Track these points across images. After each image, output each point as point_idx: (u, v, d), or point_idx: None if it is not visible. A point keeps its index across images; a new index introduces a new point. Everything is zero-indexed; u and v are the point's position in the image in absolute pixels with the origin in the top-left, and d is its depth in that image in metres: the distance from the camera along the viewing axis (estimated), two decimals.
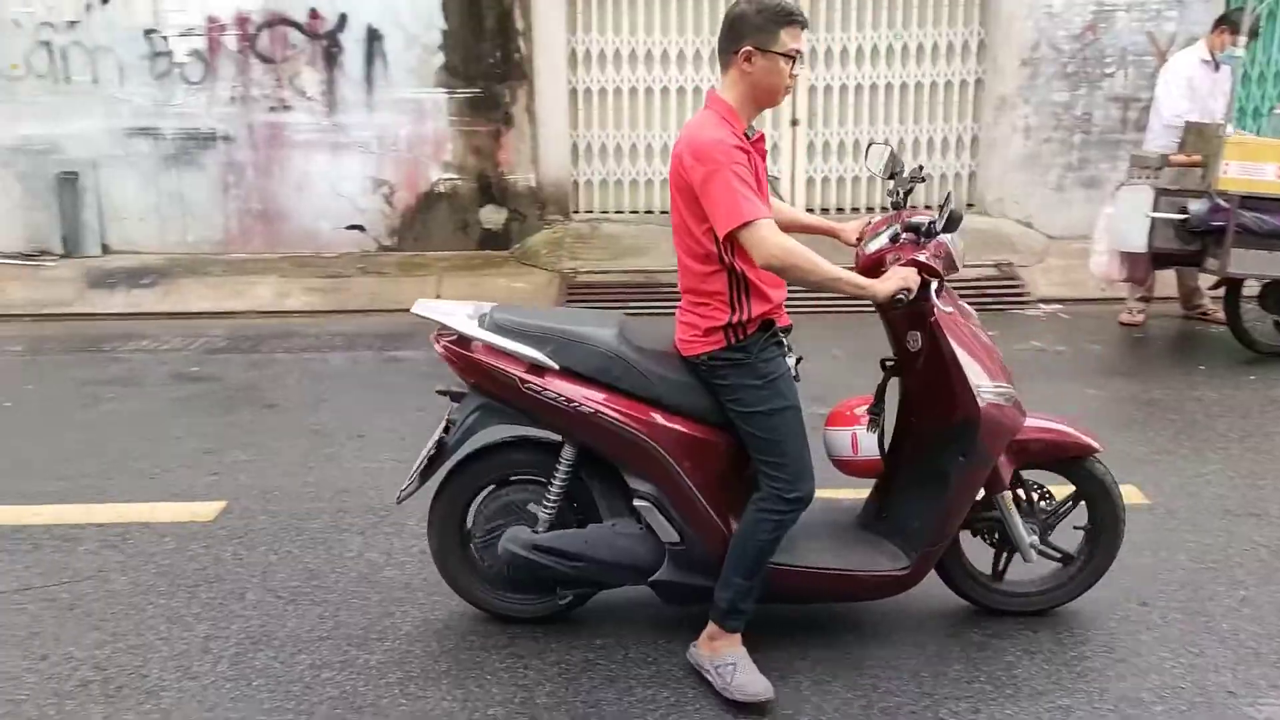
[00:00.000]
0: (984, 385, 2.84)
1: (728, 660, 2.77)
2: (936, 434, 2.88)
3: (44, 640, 3.08)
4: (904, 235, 2.84)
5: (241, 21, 7.34)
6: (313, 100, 7.53)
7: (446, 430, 2.99)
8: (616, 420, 2.81)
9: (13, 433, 4.78)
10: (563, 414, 2.83)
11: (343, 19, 7.37)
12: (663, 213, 8.06)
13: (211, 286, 7.11)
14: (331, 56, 7.45)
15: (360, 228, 7.76)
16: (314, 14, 7.35)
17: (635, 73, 7.82)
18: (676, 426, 2.83)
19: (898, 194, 3.02)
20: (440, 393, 3.07)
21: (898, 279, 2.65)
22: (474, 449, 3.02)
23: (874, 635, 3.07)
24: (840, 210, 8.07)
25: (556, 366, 2.82)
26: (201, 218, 7.70)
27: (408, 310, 3.09)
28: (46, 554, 3.61)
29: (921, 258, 2.77)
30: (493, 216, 7.75)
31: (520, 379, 2.82)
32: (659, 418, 2.83)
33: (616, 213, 8.05)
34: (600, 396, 2.83)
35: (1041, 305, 6.94)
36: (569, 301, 6.86)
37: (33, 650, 3.02)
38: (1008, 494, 3.00)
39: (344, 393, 5.34)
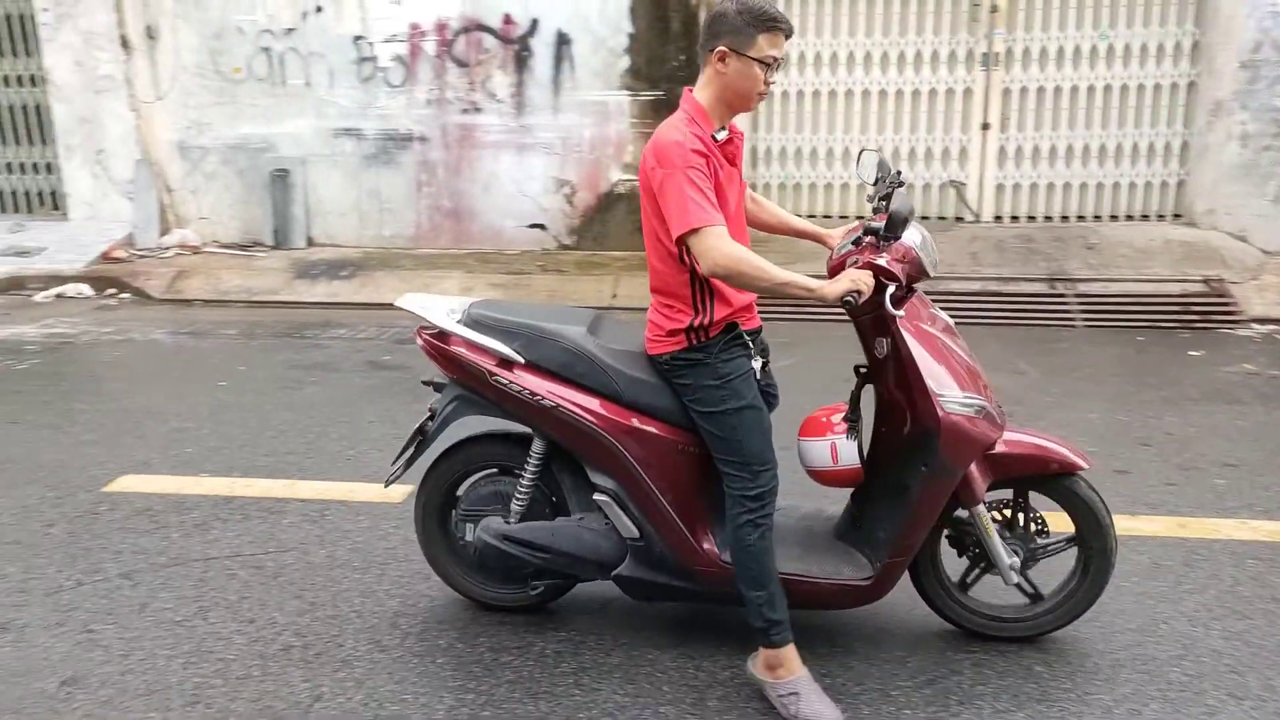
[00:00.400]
0: (948, 395, 2.74)
1: (790, 689, 2.70)
2: (902, 442, 2.81)
3: (251, 605, 3.31)
4: (865, 239, 2.74)
5: (441, 28, 7.68)
6: (502, 102, 7.79)
7: (430, 419, 3.15)
8: (577, 415, 2.86)
9: (227, 410, 5.16)
10: (527, 407, 2.91)
11: (534, 24, 7.60)
12: (842, 217, 7.95)
13: (403, 279, 7.46)
14: (522, 60, 7.69)
15: (542, 226, 7.99)
16: (508, 19, 7.61)
17: (819, 76, 7.73)
18: (637, 424, 2.85)
19: (878, 199, 2.91)
20: (425, 383, 3.24)
21: (847, 281, 2.56)
22: (460, 439, 3.15)
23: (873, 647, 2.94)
24: (1032, 219, 7.74)
25: (523, 360, 2.90)
26: (396, 214, 8.11)
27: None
28: (255, 524, 3.89)
29: (880, 261, 2.68)
30: None
31: (489, 371, 2.91)
32: (619, 415, 2.86)
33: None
34: (563, 391, 2.88)
35: (1255, 325, 6.45)
36: None
37: (241, 613, 3.26)
38: (982, 509, 2.88)
39: None
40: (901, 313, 2.69)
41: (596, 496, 2.95)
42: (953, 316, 3.09)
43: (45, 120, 8.44)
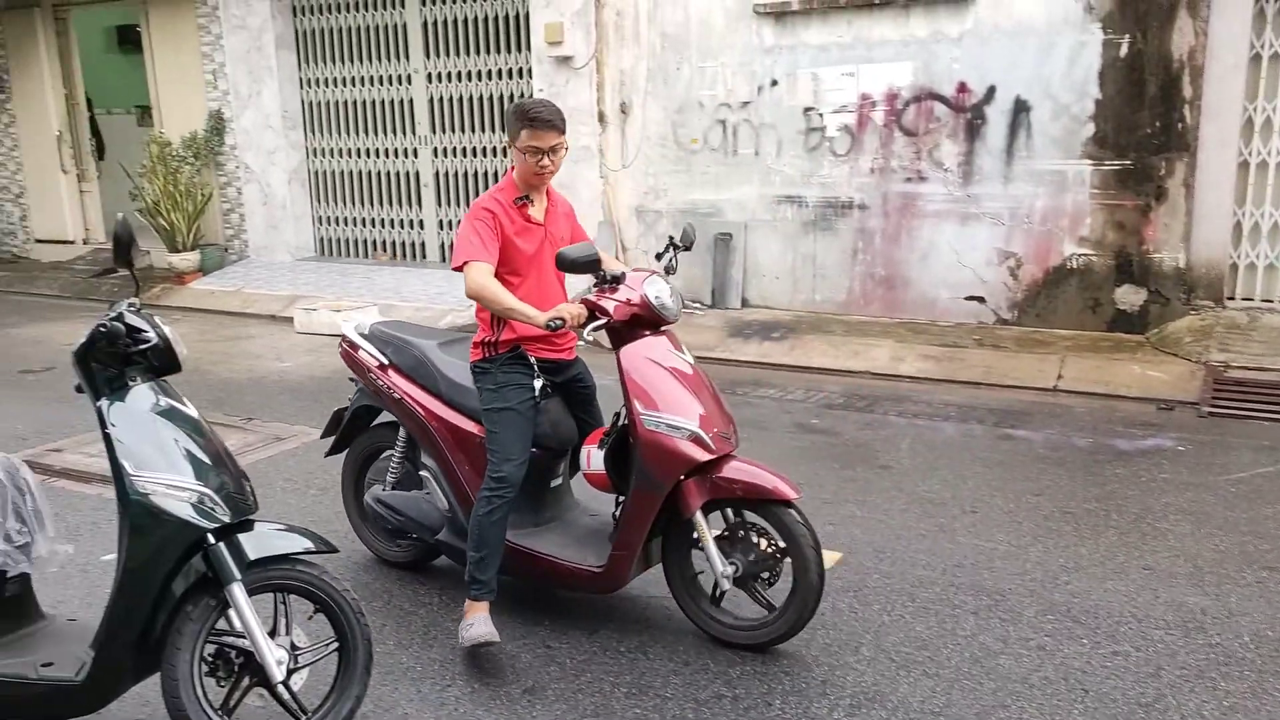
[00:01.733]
0: (650, 414, 3.26)
1: (469, 623, 3.35)
2: (631, 453, 3.33)
3: (686, 648, 3.43)
4: (605, 284, 3.39)
5: (891, 98, 7.72)
6: (948, 171, 7.64)
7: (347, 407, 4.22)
8: (413, 407, 3.79)
9: None
10: (389, 399, 3.89)
11: (990, 91, 7.38)
12: None
13: (832, 344, 7.51)
14: (973, 128, 7.49)
15: (980, 299, 7.67)
16: (962, 87, 7.46)
17: None
18: (448, 417, 3.70)
19: (669, 259, 3.77)
20: (351, 379, 4.15)
21: (555, 311, 3.21)
22: (377, 423, 4.17)
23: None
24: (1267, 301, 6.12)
25: (389, 363, 3.90)
26: (830, 279, 8.21)
27: (1024, 387, 3.18)
28: None
29: (600, 300, 3.32)
30: (1129, 297, 7.17)
31: (368, 370, 3.97)
32: (439, 409, 3.72)
33: None
34: (409, 388, 3.81)
35: None
36: (1216, 398, 6.06)
37: (679, 654, 3.39)
38: (699, 519, 3.31)
39: (956, 464, 5.27)
40: (589, 337, 3.21)
41: (423, 473, 3.86)
42: None
43: None
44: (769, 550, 3.34)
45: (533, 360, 3.49)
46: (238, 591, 2.72)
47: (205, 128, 10.93)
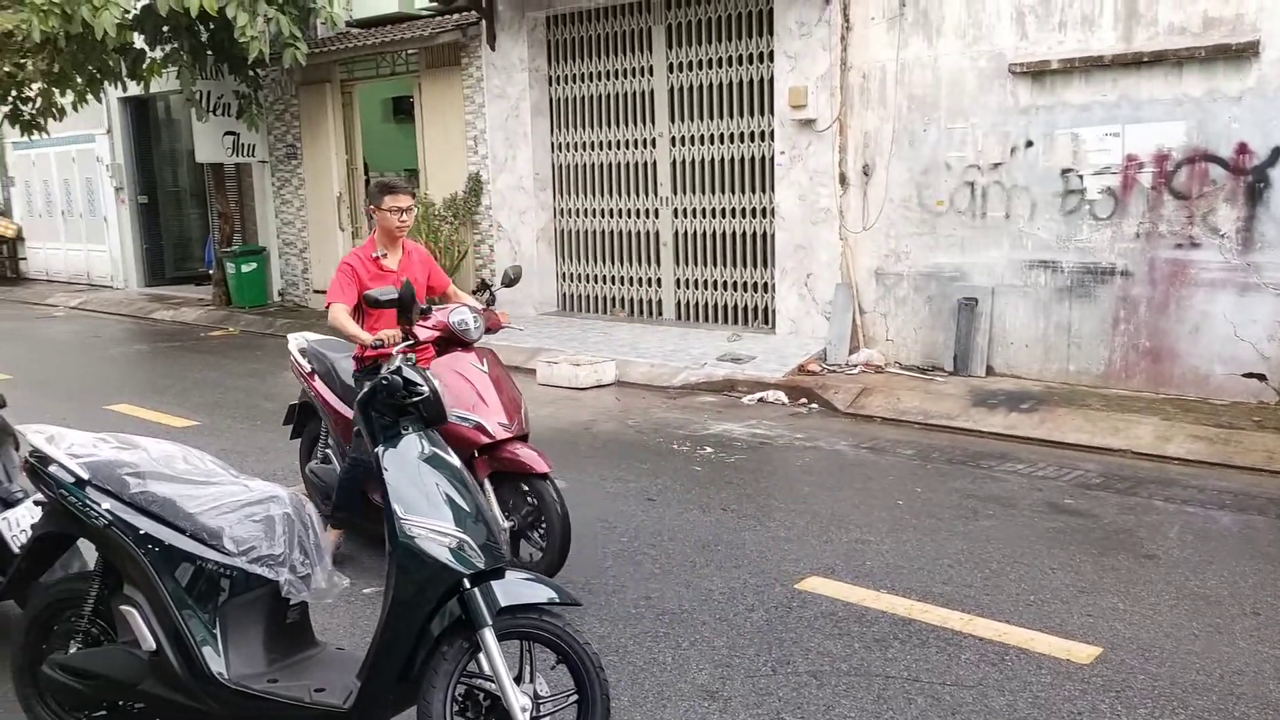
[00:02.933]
0: (450, 409, 3.62)
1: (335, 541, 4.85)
2: None
3: None
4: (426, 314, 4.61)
5: (1160, 159, 7.23)
6: (1225, 237, 7.05)
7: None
8: (322, 403, 5.17)
9: (904, 529, 5.27)
10: (314, 399, 5.26)
11: (1275, 153, 6.79)
12: None
13: (1088, 419, 7.03)
14: (1255, 192, 6.89)
15: (1261, 376, 6.99)
16: (1242, 148, 6.90)
17: None
18: (343, 411, 4.95)
19: (486, 297, 5.12)
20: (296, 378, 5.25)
21: (378, 334, 4.30)
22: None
23: None
24: None
25: (309, 370, 5.25)
26: (1086, 350, 7.73)
27: None
28: (932, 652, 3.86)
29: (413, 327, 3.70)
30: None
31: (301, 374, 5.33)
32: (338, 404, 5.03)
33: None
34: (322, 389, 5.15)
35: None
36: None
37: None
38: (486, 486, 4.47)
39: (1234, 559, 4.77)
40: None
41: (327, 450, 5.30)
42: None
43: (768, 247, 9.67)
44: (532, 511, 4.47)
45: (383, 367, 4.54)
46: (489, 636, 2.82)
47: (465, 189, 11.72)
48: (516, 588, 2.95)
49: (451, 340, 4.64)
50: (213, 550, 3.04)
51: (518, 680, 2.90)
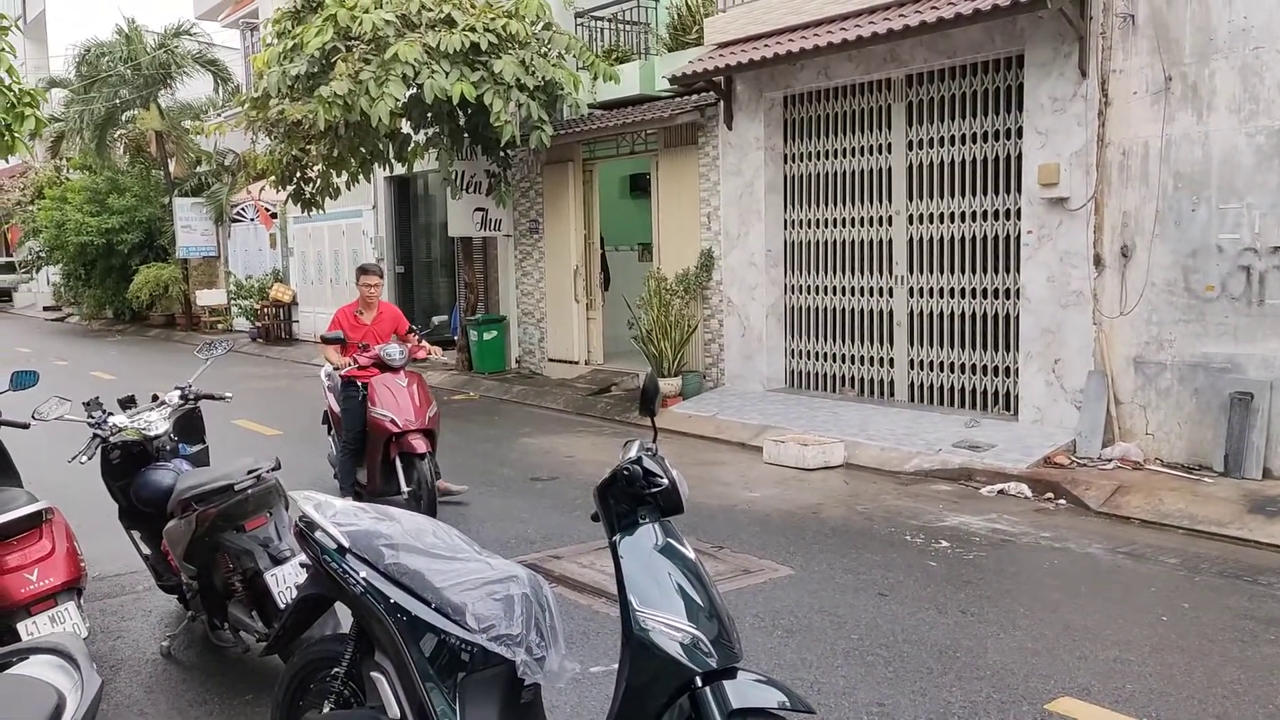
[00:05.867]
0: (375, 409, 7.01)
1: None
2: None
3: None
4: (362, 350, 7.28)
5: None
6: None
7: None
8: (328, 405, 8.03)
9: (1168, 649, 4.76)
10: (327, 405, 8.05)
11: None
12: None
13: None
14: None
15: None
16: None
17: None
18: (334, 408, 7.79)
19: (418, 338, 7.88)
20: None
21: (334, 363, 7.39)
22: None
23: None
24: None
25: (327, 385, 8.03)
26: None
27: None
28: None
29: (355, 356, 7.24)
30: None
31: (325, 390, 8.11)
32: (333, 404, 7.86)
33: None
34: (329, 396, 8.01)
35: None
36: None
37: None
38: (397, 462, 7.03)
39: None
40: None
41: None
42: None
43: (1011, 329, 9.20)
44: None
45: (358, 384, 7.29)
46: None
47: (696, 265, 11.90)
48: (748, 690, 2.86)
49: (382, 365, 7.17)
50: (456, 625, 3.13)
51: None
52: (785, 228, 11.37)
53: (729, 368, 11.75)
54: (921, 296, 10.09)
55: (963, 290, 9.69)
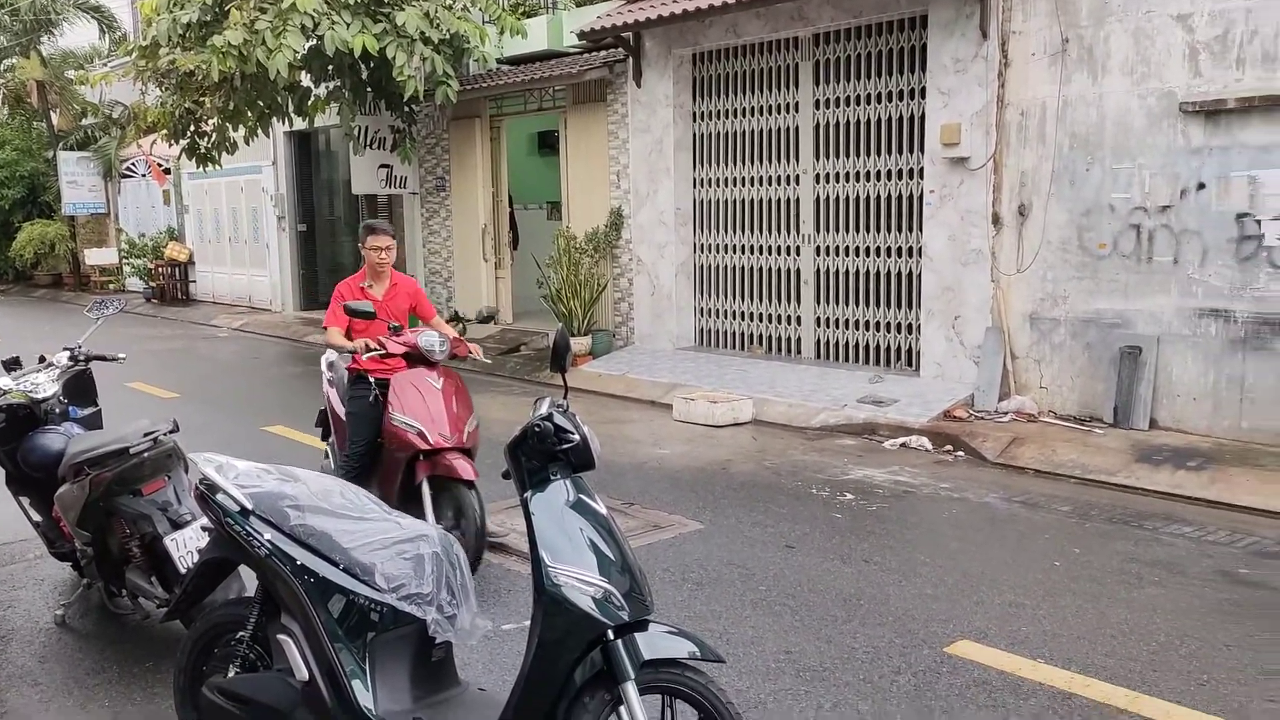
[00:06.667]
0: (396, 414, 5.15)
1: None
2: None
3: None
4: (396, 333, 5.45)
5: None
6: None
7: None
8: (328, 404, 5.99)
9: (1061, 593, 4.97)
10: (326, 403, 6.07)
11: None
12: None
13: (1264, 481, 6.54)
14: None
15: None
16: None
17: None
18: (337, 409, 5.84)
19: (460, 326, 8.63)
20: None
21: (359, 343, 5.29)
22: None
23: None
24: None
25: (328, 379, 6.05)
26: (1263, 406, 7.21)
27: None
28: None
29: (386, 342, 5.28)
30: None
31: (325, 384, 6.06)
32: (335, 404, 5.86)
33: None
34: (330, 393, 5.95)
35: None
36: None
37: None
38: (424, 487, 5.08)
39: None
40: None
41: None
42: None
43: (914, 286, 9.41)
44: (458, 516, 5.05)
45: (371, 379, 5.41)
46: (631, 690, 2.77)
47: (606, 223, 11.84)
48: (660, 641, 2.89)
49: (415, 357, 5.31)
50: (365, 585, 3.09)
51: None
52: (694, 186, 11.39)
53: (639, 326, 11.77)
54: (828, 255, 10.23)
55: (868, 249, 9.86)
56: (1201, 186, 7.39)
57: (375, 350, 5.23)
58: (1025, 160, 8.35)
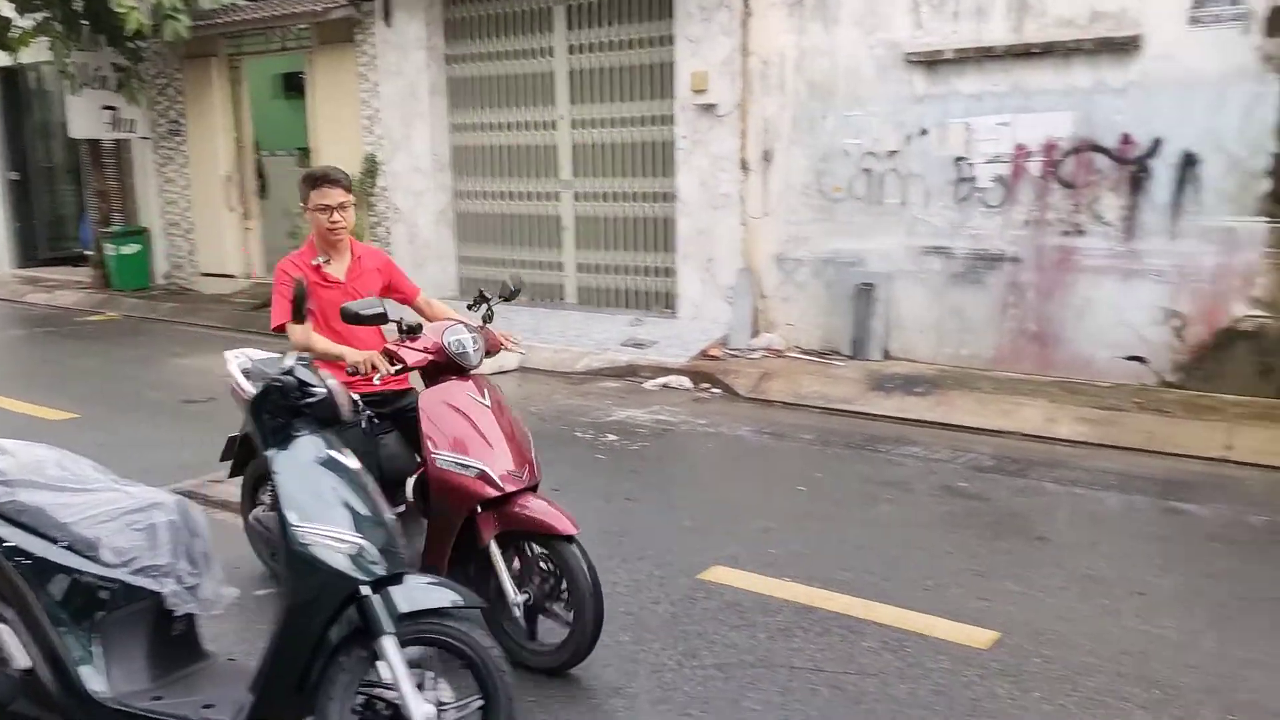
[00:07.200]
0: (440, 454, 3.56)
1: None
2: None
3: None
4: (406, 335, 3.75)
5: (1048, 149, 7.44)
6: (1109, 226, 7.30)
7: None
8: None
9: (806, 516, 5.33)
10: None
11: (1156, 144, 7.04)
12: None
13: (980, 402, 7.23)
14: (1137, 182, 7.15)
15: (1141, 359, 7.28)
16: (1126, 139, 7.14)
17: None
18: None
19: (484, 310, 4.14)
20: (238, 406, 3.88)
21: (360, 356, 3.65)
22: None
23: None
24: None
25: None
26: (977, 334, 7.94)
27: (1189, 456, 2.93)
28: (835, 640, 3.91)
29: (399, 349, 3.69)
30: None
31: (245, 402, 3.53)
32: None
33: None
34: None
35: None
36: None
37: None
38: (493, 548, 3.53)
39: (1120, 539, 4.97)
40: (378, 381, 3.37)
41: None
42: None
43: (670, 231, 9.65)
44: (560, 595, 3.62)
45: (355, 396, 3.67)
46: (388, 644, 2.74)
47: (360, 170, 11.38)
48: (417, 592, 2.86)
49: (442, 367, 3.74)
50: (90, 562, 2.87)
51: (420, 687, 2.82)
52: (451, 132, 11.13)
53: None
54: (586, 201, 10.30)
55: (625, 194, 10.01)
56: (924, 133, 7.97)
57: (379, 364, 3.66)
58: (768, 108, 8.70)
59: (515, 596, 3.59)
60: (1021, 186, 7.61)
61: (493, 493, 3.52)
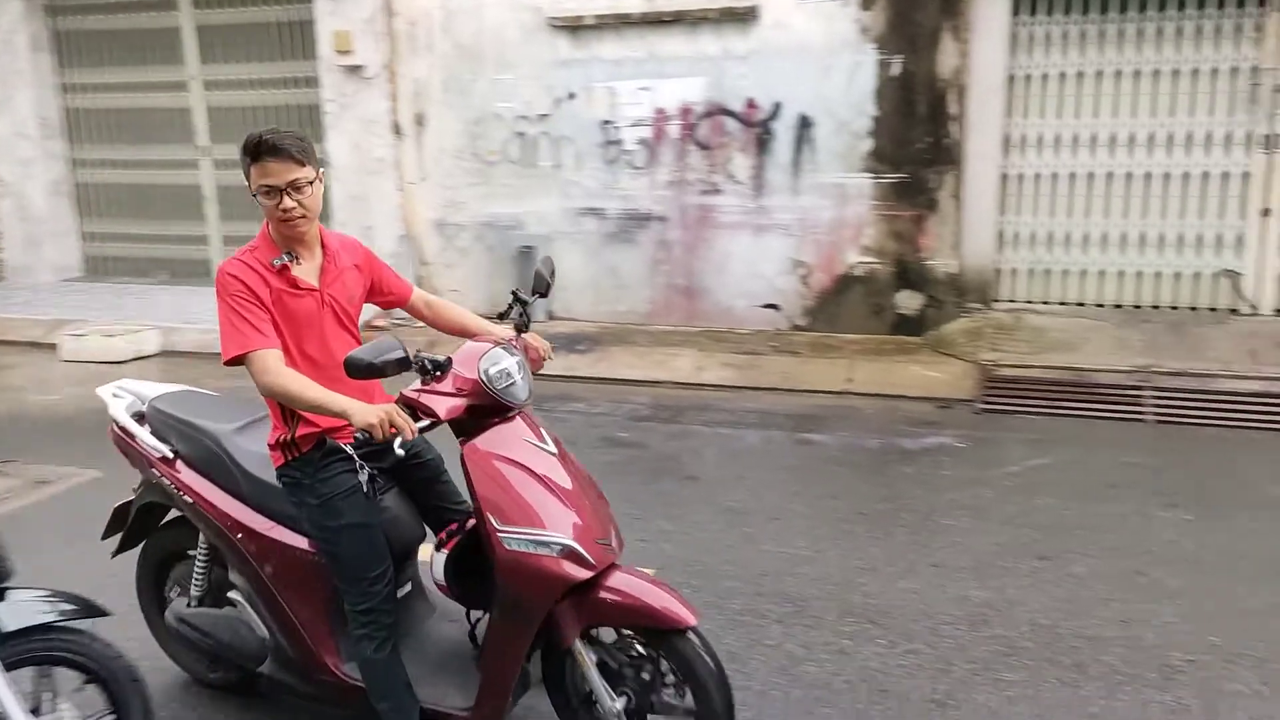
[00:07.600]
0: (510, 531, 2.59)
1: None
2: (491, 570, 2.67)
3: None
4: (427, 376, 2.63)
5: (685, 112, 7.89)
6: (741, 184, 7.88)
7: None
8: (209, 513, 3.01)
9: None
10: (178, 500, 3.13)
11: (776, 108, 7.67)
12: (1097, 305, 7.47)
13: (637, 355, 7.60)
14: (762, 143, 7.76)
15: (775, 306, 7.96)
16: (751, 104, 7.72)
17: (1076, 157, 7.37)
18: (262, 528, 2.93)
19: (517, 316, 3.09)
20: (133, 464, 3.32)
21: (377, 414, 2.48)
22: (170, 520, 3.34)
23: None
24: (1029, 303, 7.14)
25: (172, 455, 3.13)
26: (632, 290, 8.31)
27: (818, 391, 3.19)
28: None
29: (422, 399, 2.62)
30: (909, 302, 7.62)
31: (149, 464, 3.18)
32: (247, 517, 2.95)
33: (1043, 304, 7.58)
34: (204, 488, 3.04)
35: None
36: (988, 395, 6.52)
37: None
38: (579, 648, 2.67)
39: (759, 472, 5.44)
40: (399, 450, 2.53)
41: (231, 594, 3.11)
42: (1227, 420, 2.79)
43: (326, 197, 9.24)
44: (665, 679, 2.73)
45: (349, 449, 2.77)
46: None
47: None
48: (25, 608, 2.58)
49: (482, 409, 2.71)
50: None
51: (35, 712, 2.56)
52: (63, 93, 9.96)
53: (10, 257, 10.15)
54: (230, 169, 9.62)
55: None
56: (572, 96, 8.17)
57: (400, 423, 2.50)
58: (418, 69, 8.53)
59: (613, 703, 2.69)
60: (663, 148, 8.02)
61: (584, 575, 2.60)
